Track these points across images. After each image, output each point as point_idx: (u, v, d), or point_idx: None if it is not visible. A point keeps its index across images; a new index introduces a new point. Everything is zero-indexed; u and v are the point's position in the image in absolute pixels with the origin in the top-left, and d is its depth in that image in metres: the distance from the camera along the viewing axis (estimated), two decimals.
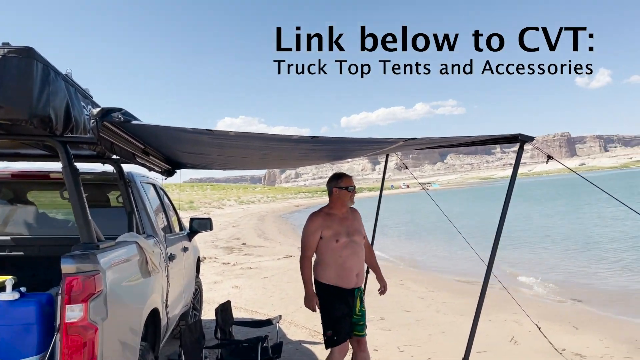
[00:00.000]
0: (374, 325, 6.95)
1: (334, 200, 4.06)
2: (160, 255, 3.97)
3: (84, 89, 3.17)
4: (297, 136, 2.77)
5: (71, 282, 2.42)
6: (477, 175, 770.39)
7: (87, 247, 2.58)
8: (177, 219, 5.91)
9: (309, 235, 3.97)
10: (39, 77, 2.36)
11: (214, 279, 11.14)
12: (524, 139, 2.85)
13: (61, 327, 2.41)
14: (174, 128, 2.59)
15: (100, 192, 4.43)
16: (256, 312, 7.78)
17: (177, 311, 4.74)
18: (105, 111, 2.37)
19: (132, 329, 3.00)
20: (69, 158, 2.65)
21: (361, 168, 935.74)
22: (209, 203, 60.70)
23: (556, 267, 12.91)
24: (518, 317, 7.10)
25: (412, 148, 3.54)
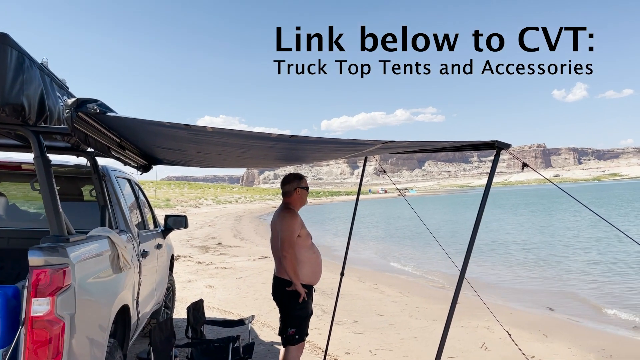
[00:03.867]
0: (347, 328, 6.96)
1: (296, 199, 4.17)
2: (133, 252, 3.91)
3: (60, 79, 3.10)
4: (275, 135, 2.75)
5: (38, 275, 2.35)
6: (454, 183, 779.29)
7: (56, 239, 2.52)
8: (152, 216, 5.83)
9: (295, 233, 3.98)
10: (13, 65, 2.30)
11: (187, 277, 11.02)
12: (501, 146, 2.87)
13: (26, 321, 2.34)
14: (151, 122, 2.55)
15: (74, 186, 4.34)
16: (229, 312, 7.72)
17: (148, 309, 4.67)
18: (81, 102, 2.32)
19: (101, 325, 2.94)
20: (42, 148, 2.59)
21: (340, 172, 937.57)
22: (186, 202, 60.08)
23: (529, 275, 13.13)
24: (489, 324, 7.19)
25: (390, 151, 3.55)
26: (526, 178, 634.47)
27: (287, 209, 4.14)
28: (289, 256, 3.92)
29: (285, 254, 3.93)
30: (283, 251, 3.95)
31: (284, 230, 4.00)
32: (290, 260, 3.91)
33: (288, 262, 3.92)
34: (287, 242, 3.95)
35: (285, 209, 4.15)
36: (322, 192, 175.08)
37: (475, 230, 2.97)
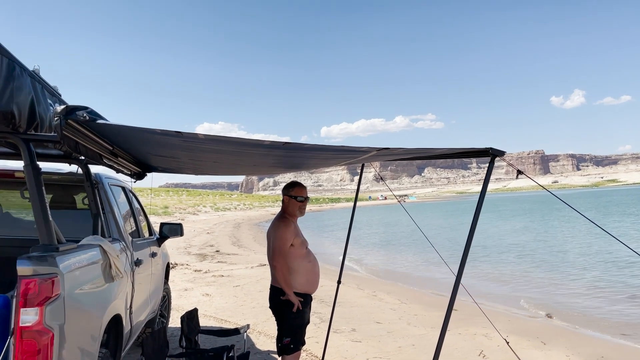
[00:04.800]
0: (345, 336, 6.91)
1: (286, 206, 4.16)
2: (126, 260, 3.88)
3: (52, 87, 3.08)
4: (268, 141, 2.73)
5: (27, 285, 2.32)
6: (453, 189, 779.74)
7: (46, 249, 2.49)
8: (147, 224, 5.80)
9: (287, 242, 3.95)
10: (3, 72, 2.28)
11: (184, 286, 10.96)
12: (495, 153, 2.87)
13: (15, 331, 2.31)
14: (142, 129, 2.52)
15: (66, 193, 4.31)
16: (226, 320, 7.66)
17: (142, 318, 4.62)
18: (70, 109, 2.30)
19: (92, 335, 2.90)
20: (32, 156, 2.57)
21: (340, 178, 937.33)
22: (184, 209, 59.94)
23: (527, 282, 13.08)
24: (487, 331, 7.14)
25: (385, 158, 3.53)
26: (525, 184, 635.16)
27: (281, 218, 4.11)
28: (279, 266, 3.90)
29: (275, 264, 3.91)
30: (273, 261, 3.93)
31: (275, 239, 3.97)
32: (280, 269, 3.89)
33: (278, 271, 3.90)
34: (278, 252, 3.93)
35: (279, 218, 4.12)
36: (322, 199, 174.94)
37: (470, 237, 2.95)
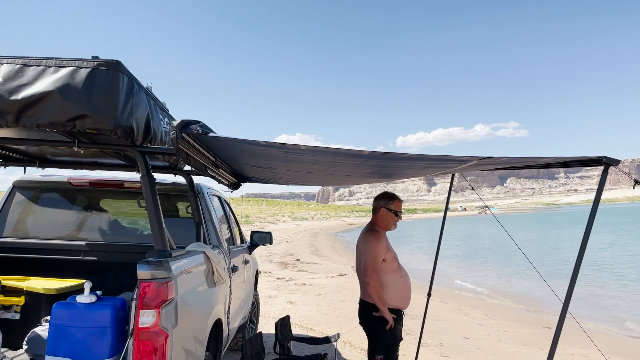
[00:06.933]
0: (432, 350, 6.74)
1: (380, 219, 3.97)
2: (225, 266, 4.03)
3: (161, 102, 3.29)
4: (367, 151, 2.72)
5: (145, 288, 2.48)
6: (538, 201, 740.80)
7: (161, 254, 2.64)
8: (239, 232, 6.00)
9: (379, 257, 3.80)
10: (124, 90, 2.47)
11: (269, 293, 11.21)
12: (609, 162, 2.68)
13: (134, 331, 2.47)
14: (247, 141, 2.63)
15: (169, 202, 4.56)
16: (310, 328, 7.74)
17: (236, 323, 4.78)
18: (185, 123, 2.44)
19: (198, 338, 3.03)
20: (147, 167, 2.74)
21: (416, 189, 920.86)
22: (264, 218, 61.54)
23: (625, 297, 12.11)
24: (586, 351, 6.71)
25: (485, 168, 3.41)
26: (619, 195, 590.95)
27: (371, 231, 3.94)
28: (372, 282, 3.73)
29: (369, 280, 3.75)
30: (366, 277, 3.77)
31: (367, 254, 3.82)
32: (374, 286, 3.73)
33: (372, 288, 3.74)
34: (370, 268, 3.76)
35: (370, 231, 3.95)
36: None
37: (581, 254, 2.77)
